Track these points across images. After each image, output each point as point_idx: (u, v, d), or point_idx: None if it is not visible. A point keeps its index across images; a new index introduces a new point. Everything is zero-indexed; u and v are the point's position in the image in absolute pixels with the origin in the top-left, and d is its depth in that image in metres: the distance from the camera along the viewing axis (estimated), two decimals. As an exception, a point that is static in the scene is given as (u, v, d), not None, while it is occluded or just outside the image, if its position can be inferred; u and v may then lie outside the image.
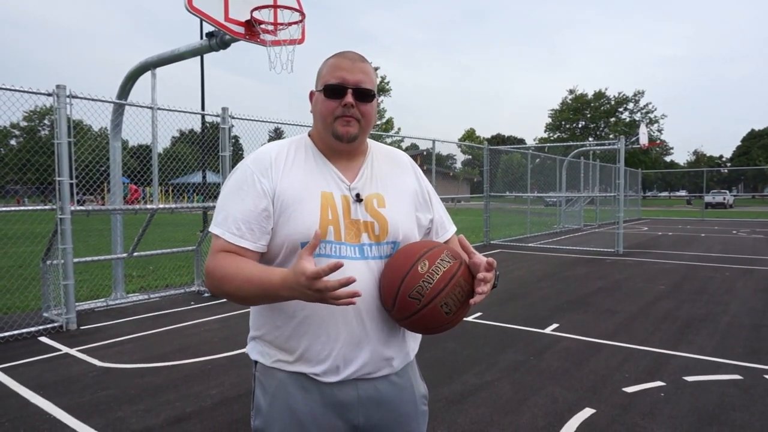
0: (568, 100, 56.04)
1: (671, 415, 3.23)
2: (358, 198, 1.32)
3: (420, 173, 1.49)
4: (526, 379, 3.85)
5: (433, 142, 11.63)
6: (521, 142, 62.19)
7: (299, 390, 1.29)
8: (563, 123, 56.25)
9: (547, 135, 57.18)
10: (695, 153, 75.86)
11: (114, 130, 6.43)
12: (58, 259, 5.30)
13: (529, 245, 12.92)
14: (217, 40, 5.61)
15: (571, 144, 17.98)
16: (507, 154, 16.16)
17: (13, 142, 38.79)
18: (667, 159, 62.26)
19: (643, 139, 19.70)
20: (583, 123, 55.79)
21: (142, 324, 5.49)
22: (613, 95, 54.28)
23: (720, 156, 74.44)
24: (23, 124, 39.86)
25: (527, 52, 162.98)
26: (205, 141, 7.51)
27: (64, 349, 4.63)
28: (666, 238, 14.83)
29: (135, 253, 6.58)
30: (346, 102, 1.28)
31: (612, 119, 54.13)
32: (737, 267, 9.15)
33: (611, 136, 49.79)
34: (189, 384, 3.80)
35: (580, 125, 55.85)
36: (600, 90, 54.63)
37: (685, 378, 3.86)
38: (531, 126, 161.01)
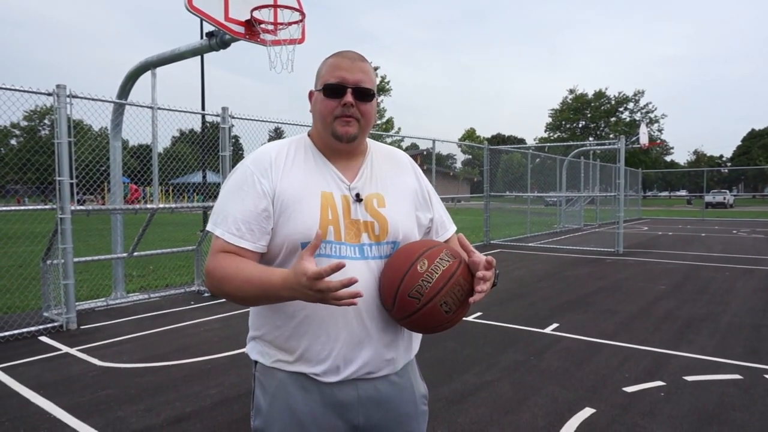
0: (568, 99, 56.00)
1: (671, 415, 3.23)
2: (357, 198, 1.32)
3: (420, 173, 1.49)
4: (526, 379, 3.85)
5: (433, 141, 11.63)
6: (521, 141, 62.23)
7: (299, 390, 1.29)
8: (563, 123, 56.21)
9: (548, 135, 57.17)
10: (695, 153, 75.85)
11: (114, 129, 6.43)
12: (58, 259, 5.31)
13: (530, 245, 12.92)
14: (217, 39, 5.61)
15: (572, 144, 17.97)
16: (507, 153, 16.16)
17: (14, 141, 38.81)
18: (668, 159, 62.25)
19: (644, 139, 19.70)
20: (584, 123, 55.76)
21: (142, 324, 5.49)
22: (614, 95, 54.27)
23: (720, 156, 74.44)
24: (23, 123, 39.89)
25: (527, 52, 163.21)
26: (205, 141, 7.52)
27: (64, 349, 4.63)
28: (666, 237, 14.82)
29: (135, 253, 6.58)
30: (345, 101, 1.28)
31: (612, 119, 54.09)
32: (737, 267, 9.15)
33: (611, 135, 49.73)
34: (189, 384, 3.80)
35: (580, 125, 55.82)
36: (600, 90, 54.58)
37: (686, 378, 3.86)
38: (531, 126, 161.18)
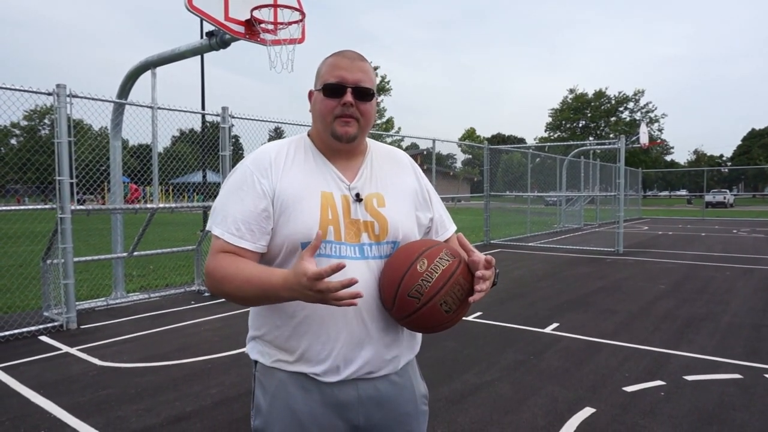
0: (568, 99, 56.00)
1: (671, 415, 3.23)
2: (357, 198, 1.32)
3: (419, 172, 1.49)
4: (526, 379, 3.85)
5: (434, 141, 11.63)
6: (521, 141, 62.17)
7: (299, 390, 1.29)
8: (563, 122, 56.21)
9: (548, 134, 57.17)
10: (695, 152, 75.81)
11: (114, 129, 6.43)
12: (58, 259, 5.31)
13: (530, 245, 12.92)
14: (218, 39, 5.61)
15: (572, 143, 17.97)
16: (507, 153, 16.16)
17: (14, 141, 38.81)
18: (668, 158, 62.25)
19: (644, 139, 19.68)
20: (584, 122, 55.76)
21: (142, 323, 5.49)
22: (614, 95, 54.25)
23: (720, 155, 74.38)
24: (23, 123, 39.89)
25: (527, 51, 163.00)
26: (205, 140, 7.52)
27: (64, 349, 4.63)
28: (666, 237, 14.82)
29: (135, 253, 6.58)
30: (345, 101, 1.27)
31: (612, 119, 54.08)
32: (738, 266, 9.15)
33: (611, 135, 49.72)
34: (189, 383, 3.80)
35: (580, 125, 55.82)
36: (600, 89, 54.58)
37: (686, 377, 3.86)
38: (531, 125, 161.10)
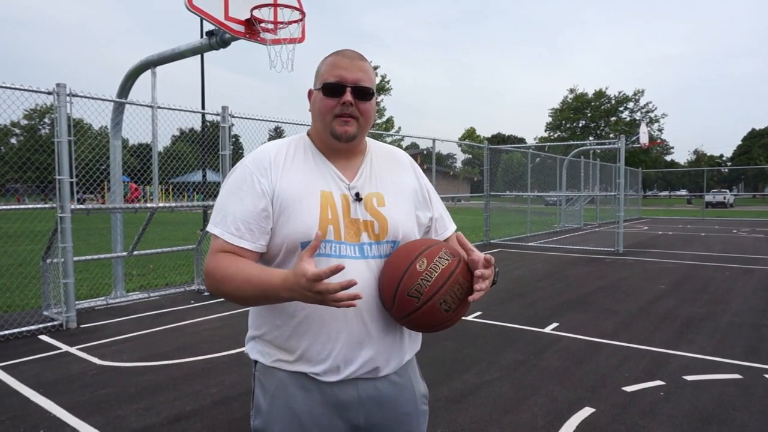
0: (568, 99, 55.96)
1: (671, 415, 3.23)
2: (357, 197, 1.31)
3: (419, 172, 1.48)
4: (526, 379, 3.85)
5: (433, 141, 11.63)
6: (521, 141, 62.19)
7: (299, 390, 1.29)
8: (563, 122, 56.18)
9: (548, 134, 57.15)
10: (696, 152, 75.81)
11: (114, 128, 6.43)
12: (58, 258, 5.31)
13: (529, 244, 12.92)
14: (218, 38, 5.60)
15: (572, 143, 17.97)
16: (507, 153, 16.15)
17: (14, 140, 38.81)
18: (668, 158, 62.25)
19: (644, 139, 19.69)
20: (584, 122, 55.72)
21: (142, 322, 5.49)
22: (614, 94, 54.21)
23: (720, 155, 74.40)
24: (23, 122, 39.89)
25: (527, 51, 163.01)
26: (205, 140, 7.52)
27: (64, 348, 4.63)
28: (666, 237, 14.82)
29: (135, 252, 6.58)
30: (345, 100, 1.27)
31: (612, 118, 54.05)
32: (737, 266, 9.15)
33: (611, 135, 49.72)
34: (189, 383, 3.80)
35: (580, 124, 55.78)
36: (600, 89, 54.53)
37: (685, 377, 3.86)
38: (531, 125, 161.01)
